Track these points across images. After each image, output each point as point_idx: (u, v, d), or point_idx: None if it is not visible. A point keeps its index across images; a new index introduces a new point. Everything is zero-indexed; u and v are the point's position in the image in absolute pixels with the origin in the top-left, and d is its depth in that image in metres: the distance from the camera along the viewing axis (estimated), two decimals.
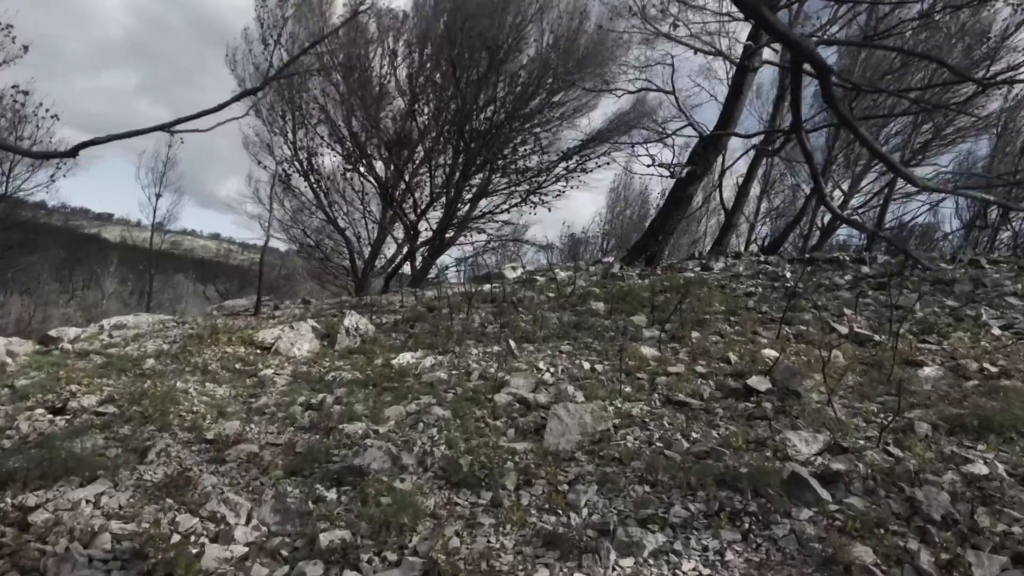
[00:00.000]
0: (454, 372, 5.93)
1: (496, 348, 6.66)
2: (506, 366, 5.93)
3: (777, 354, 6.13)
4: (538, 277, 11.55)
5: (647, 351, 6.27)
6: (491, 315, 8.47)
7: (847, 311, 7.45)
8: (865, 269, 10.44)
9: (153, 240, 19.53)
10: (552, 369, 5.89)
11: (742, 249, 17.60)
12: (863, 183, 19.35)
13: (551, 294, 9.84)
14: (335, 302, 10.80)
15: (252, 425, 4.93)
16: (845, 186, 18.93)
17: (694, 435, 4.37)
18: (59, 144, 16.99)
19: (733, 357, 6.00)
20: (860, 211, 20.06)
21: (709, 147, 11.26)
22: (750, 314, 7.70)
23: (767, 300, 9.02)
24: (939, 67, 14.22)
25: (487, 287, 10.30)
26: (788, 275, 10.37)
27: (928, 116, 15.68)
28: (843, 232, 20.77)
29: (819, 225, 20.10)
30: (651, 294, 8.79)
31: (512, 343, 6.43)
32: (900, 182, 16.08)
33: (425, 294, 10.49)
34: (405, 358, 6.34)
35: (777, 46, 12.72)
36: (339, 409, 5.09)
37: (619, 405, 4.88)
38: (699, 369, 5.69)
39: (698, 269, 12.05)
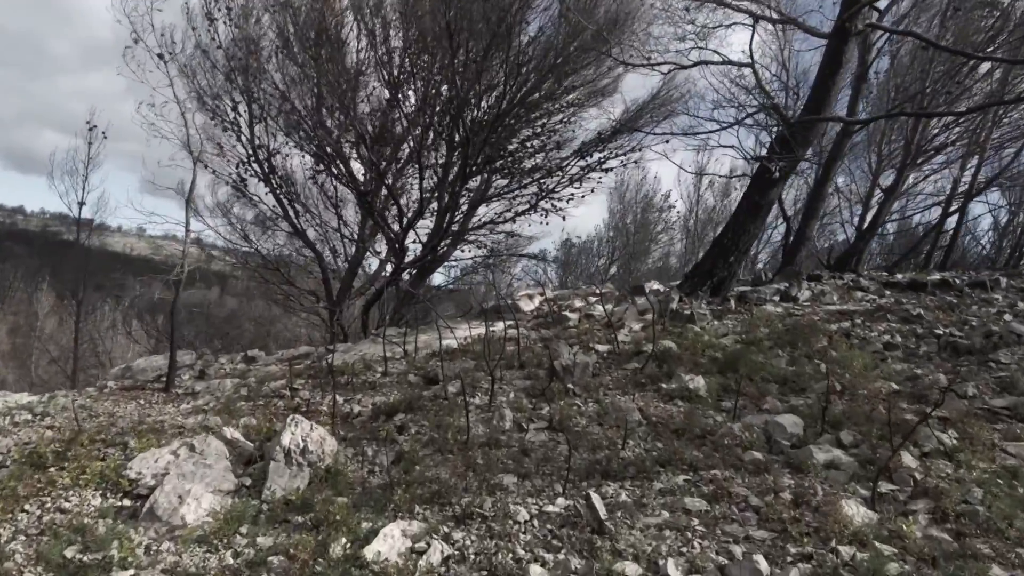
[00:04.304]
0: None
1: (560, 500, 3.60)
2: (599, 569, 2.90)
3: None
4: (568, 313, 8.52)
5: (854, 513, 3.29)
6: (526, 396, 5.43)
7: None
8: (1023, 304, 7.59)
9: (83, 254, 16.05)
10: None
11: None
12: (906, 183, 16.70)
13: (601, 346, 6.84)
14: (291, 358, 7.66)
15: None
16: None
17: None
18: None
19: None
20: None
21: (798, 136, 8.31)
22: (957, 404, 4.74)
23: (921, 358, 6.12)
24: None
25: (500, 326, 7.29)
26: (922, 312, 7.47)
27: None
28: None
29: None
30: (764, 356, 5.83)
31: (596, 502, 3.37)
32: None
33: (418, 344, 7.40)
34: (392, 537, 3.26)
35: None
36: None
37: None
38: None
39: (776, 299, 9.13)
